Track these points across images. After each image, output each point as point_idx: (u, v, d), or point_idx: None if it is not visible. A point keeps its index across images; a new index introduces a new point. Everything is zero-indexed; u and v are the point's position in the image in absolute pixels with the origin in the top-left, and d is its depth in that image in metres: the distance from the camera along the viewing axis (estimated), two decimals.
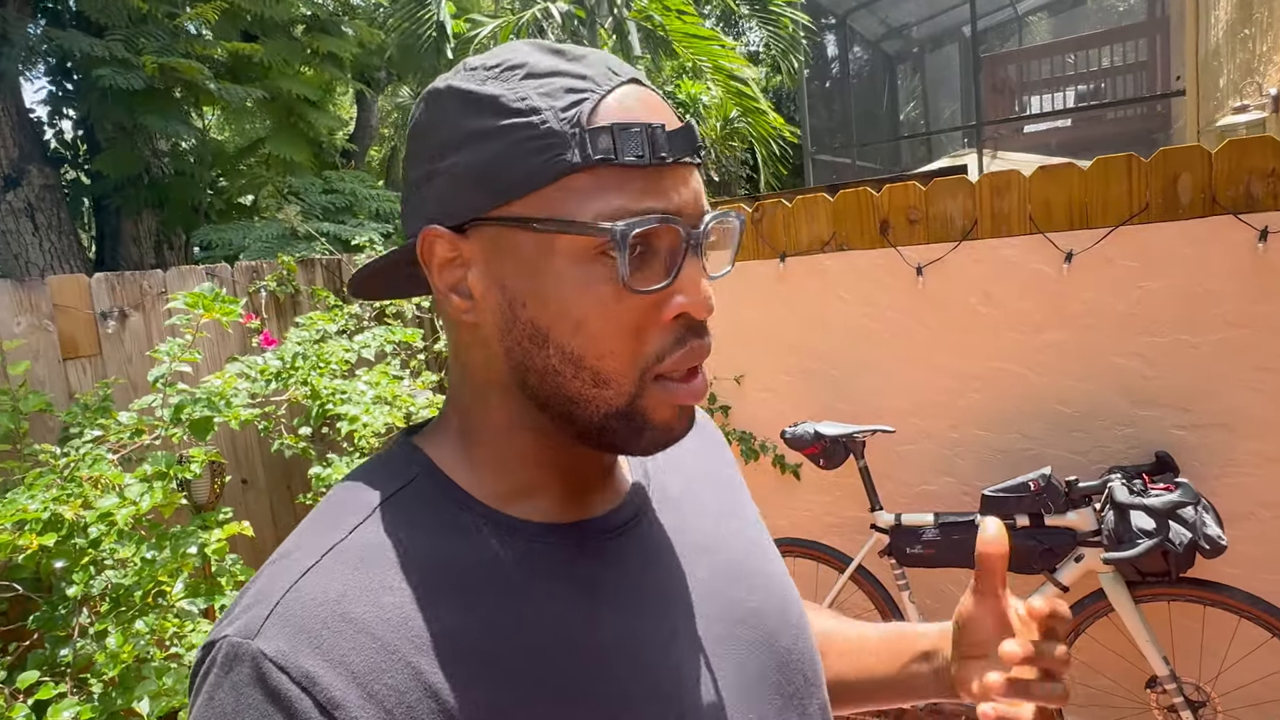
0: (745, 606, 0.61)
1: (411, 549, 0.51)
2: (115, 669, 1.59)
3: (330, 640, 0.45)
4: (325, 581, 0.48)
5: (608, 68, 0.52)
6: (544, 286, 0.50)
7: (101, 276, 2.52)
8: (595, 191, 0.48)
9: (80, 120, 6.15)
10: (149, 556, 1.63)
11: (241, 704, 0.44)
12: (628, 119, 0.50)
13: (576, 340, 0.50)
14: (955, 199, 2.39)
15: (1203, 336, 2.11)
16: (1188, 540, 1.87)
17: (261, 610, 0.47)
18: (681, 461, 0.69)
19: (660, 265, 0.50)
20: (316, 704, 0.43)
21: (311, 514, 0.56)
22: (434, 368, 3.40)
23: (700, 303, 0.51)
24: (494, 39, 6.93)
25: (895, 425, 2.50)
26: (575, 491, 0.58)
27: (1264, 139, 2.01)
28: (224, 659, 0.46)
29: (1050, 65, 10.63)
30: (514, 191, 0.50)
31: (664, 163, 0.50)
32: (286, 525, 3.02)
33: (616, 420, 0.52)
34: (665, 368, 0.51)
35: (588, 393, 0.51)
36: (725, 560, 0.63)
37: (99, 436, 1.89)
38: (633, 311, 0.50)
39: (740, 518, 0.69)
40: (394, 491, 0.54)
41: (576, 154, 0.48)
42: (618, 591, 0.55)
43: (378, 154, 11.84)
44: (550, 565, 0.54)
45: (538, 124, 0.49)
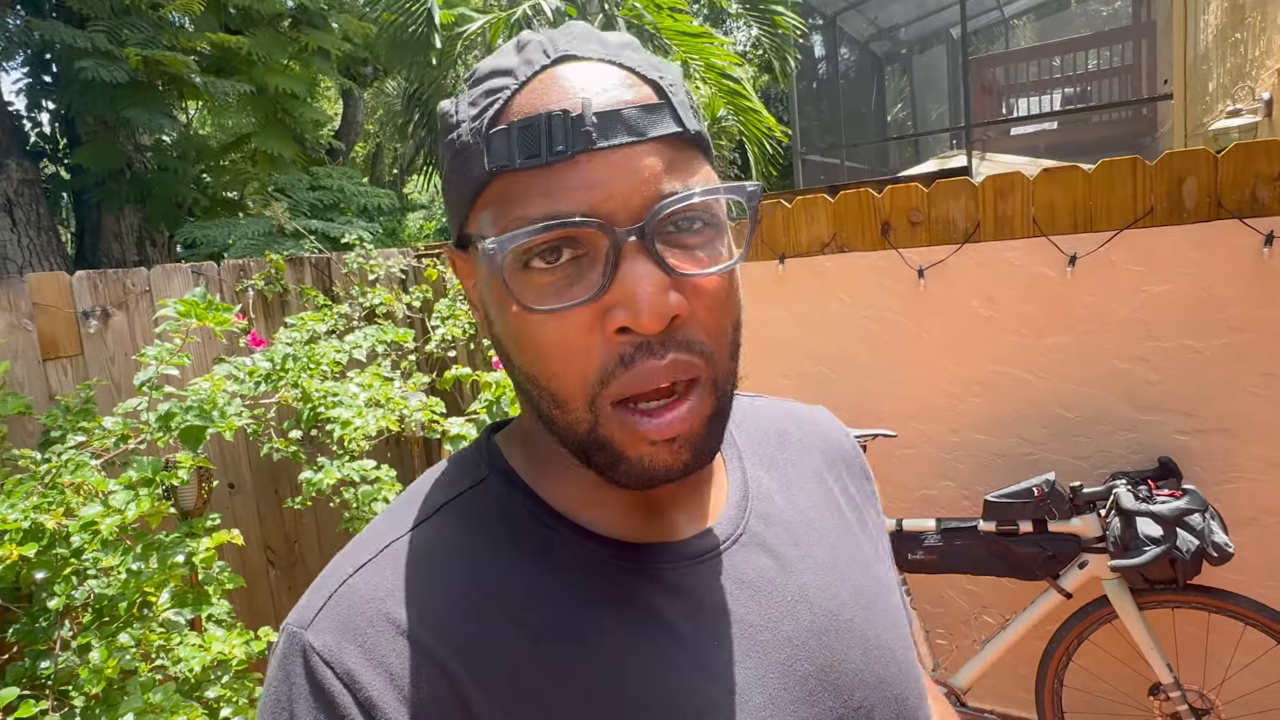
0: (835, 670, 0.52)
1: (468, 554, 0.49)
2: (98, 684, 1.53)
3: (373, 640, 0.45)
4: (376, 579, 0.48)
5: (542, 50, 0.47)
6: (494, 303, 0.48)
7: (83, 274, 2.45)
8: (502, 203, 0.45)
9: (60, 113, 6.03)
10: (135, 567, 1.57)
11: (293, 693, 0.45)
12: (530, 112, 0.44)
13: (523, 360, 0.47)
14: (958, 201, 2.36)
15: (1207, 341, 2.10)
16: (1195, 548, 1.86)
17: (316, 600, 0.48)
18: (798, 487, 0.61)
19: (596, 273, 0.44)
20: (356, 701, 0.44)
21: (392, 503, 0.55)
22: (425, 369, 3.34)
23: (642, 313, 0.42)
24: (483, 35, 6.87)
25: (896, 429, 2.47)
26: (648, 508, 0.52)
27: (1271, 143, 2.00)
28: (283, 647, 0.47)
29: (1038, 68, 10.69)
30: (461, 210, 0.48)
31: (563, 156, 0.43)
32: (274, 530, 2.95)
33: (588, 447, 0.47)
34: (614, 393, 0.44)
35: (553, 414, 0.47)
36: (820, 614, 0.54)
37: (82, 442, 1.82)
38: (563, 329, 0.44)
39: (856, 568, 0.59)
40: (462, 491, 0.52)
41: (478, 166, 0.45)
42: (682, 630, 0.49)
43: (363, 150, 11.73)
44: (613, 589, 0.49)
45: (456, 140, 0.47)
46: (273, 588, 2.95)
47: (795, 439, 0.66)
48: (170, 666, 1.70)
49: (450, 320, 3.20)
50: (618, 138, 0.44)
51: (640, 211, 0.44)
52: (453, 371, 2.33)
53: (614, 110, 0.44)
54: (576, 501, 0.51)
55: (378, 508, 2.28)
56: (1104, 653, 2.20)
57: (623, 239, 0.43)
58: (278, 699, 0.46)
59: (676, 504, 0.53)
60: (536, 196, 0.43)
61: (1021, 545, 2.09)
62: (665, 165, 0.44)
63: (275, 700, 0.46)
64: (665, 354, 0.44)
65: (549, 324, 0.44)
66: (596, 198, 0.43)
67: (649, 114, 0.45)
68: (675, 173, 0.45)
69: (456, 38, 6.96)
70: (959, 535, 2.20)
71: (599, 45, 0.47)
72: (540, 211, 0.43)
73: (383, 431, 2.35)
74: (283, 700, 0.45)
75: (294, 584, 3.02)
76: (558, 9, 6.58)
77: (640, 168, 0.44)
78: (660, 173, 0.44)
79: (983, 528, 2.14)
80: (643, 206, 0.44)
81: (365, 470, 2.26)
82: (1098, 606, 2.06)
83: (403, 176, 10.55)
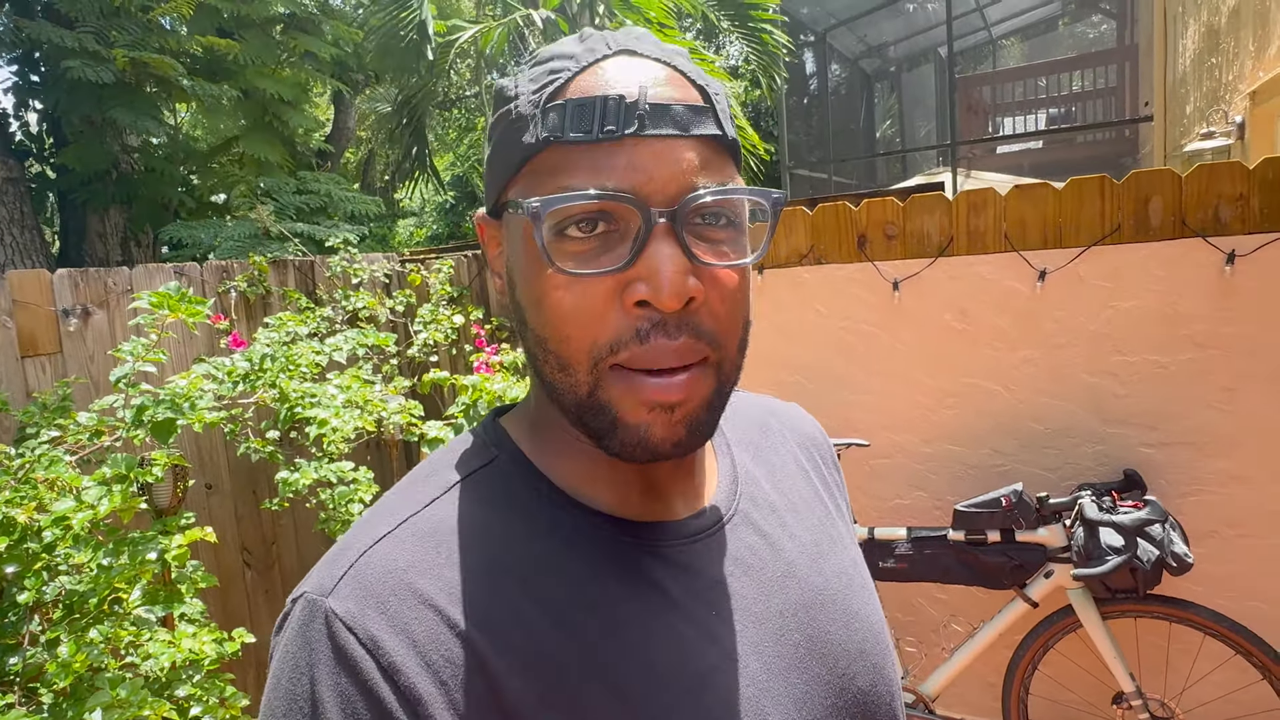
0: (821, 640, 0.57)
1: (483, 529, 0.51)
2: (67, 679, 1.53)
3: (395, 607, 0.47)
4: (396, 551, 0.49)
5: (605, 43, 0.51)
6: (519, 267, 0.52)
7: (64, 272, 2.45)
8: (549, 173, 0.49)
9: (47, 113, 6.01)
10: (106, 563, 1.58)
11: (314, 658, 0.46)
12: (588, 93, 0.48)
13: (539, 322, 0.50)
14: (932, 215, 2.41)
15: (1172, 357, 2.14)
16: (1155, 558, 1.89)
17: (336, 570, 0.49)
18: (781, 474, 0.66)
19: (625, 248, 0.48)
20: (378, 666, 0.45)
21: (399, 483, 0.57)
22: (406, 373, 3.35)
23: (663, 290, 0.46)
24: (474, 44, 6.91)
25: (870, 439, 2.50)
26: (646, 488, 0.56)
27: (1232, 164, 2.05)
28: (300, 614, 0.48)
29: (1023, 88, 10.85)
30: (504, 176, 0.52)
31: (613, 136, 0.47)
32: (251, 532, 2.95)
33: (586, 412, 0.50)
34: (620, 360, 0.48)
35: (556, 378, 0.50)
36: (807, 589, 0.59)
37: (56, 437, 1.83)
38: (586, 294, 0.48)
39: (837, 549, 0.64)
40: (474, 470, 0.55)
41: (533, 135, 0.49)
42: (683, 602, 0.53)
43: (354, 156, 11.73)
44: (619, 563, 0.52)
45: (512, 110, 0.51)
46: (248, 589, 2.95)
47: (775, 430, 0.71)
48: (140, 663, 1.70)
49: (433, 325, 3.22)
50: (664, 129, 0.47)
51: (674, 198, 0.47)
52: (431, 375, 2.35)
53: (664, 104, 0.48)
54: (580, 479, 0.55)
55: (355, 509, 2.29)
56: (1069, 661, 2.24)
57: (654, 219, 0.47)
58: (297, 665, 0.46)
59: (673, 485, 0.57)
60: (583, 170, 0.47)
61: (989, 554, 2.13)
62: (701, 162, 0.49)
63: (294, 666, 0.46)
64: (679, 335, 0.47)
65: (573, 287, 0.48)
66: (637, 179, 0.47)
67: (694, 114, 0.49)
68: (709, 170, 0.49)
69: (448, 46, 7.00)
70: (929, 544, 2.23)
71: (655, 47, 0.52)
72: (585, 183, 0.47)
73: (361, 433, 2.36)
74: (302, 666, 0.46)
75: (270, 586, 3.01)
76: (549, 20, 6.64)
77: (679, 159, 0.48)
78: (696, 167, 0.48)
79: (952, 537, 2.17)
80: (677, 194, 0.47)
81: (343, 472, 2.27)
82: (1063, 615, 2.09)
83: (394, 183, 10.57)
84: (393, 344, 2.85)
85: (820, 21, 10.04)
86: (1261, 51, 3.68)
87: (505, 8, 7.68)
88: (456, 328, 3.25)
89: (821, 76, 10.82)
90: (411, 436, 2.33)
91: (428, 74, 7.49)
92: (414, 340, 3.24)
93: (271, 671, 0.48)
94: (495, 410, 0.62)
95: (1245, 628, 1.93)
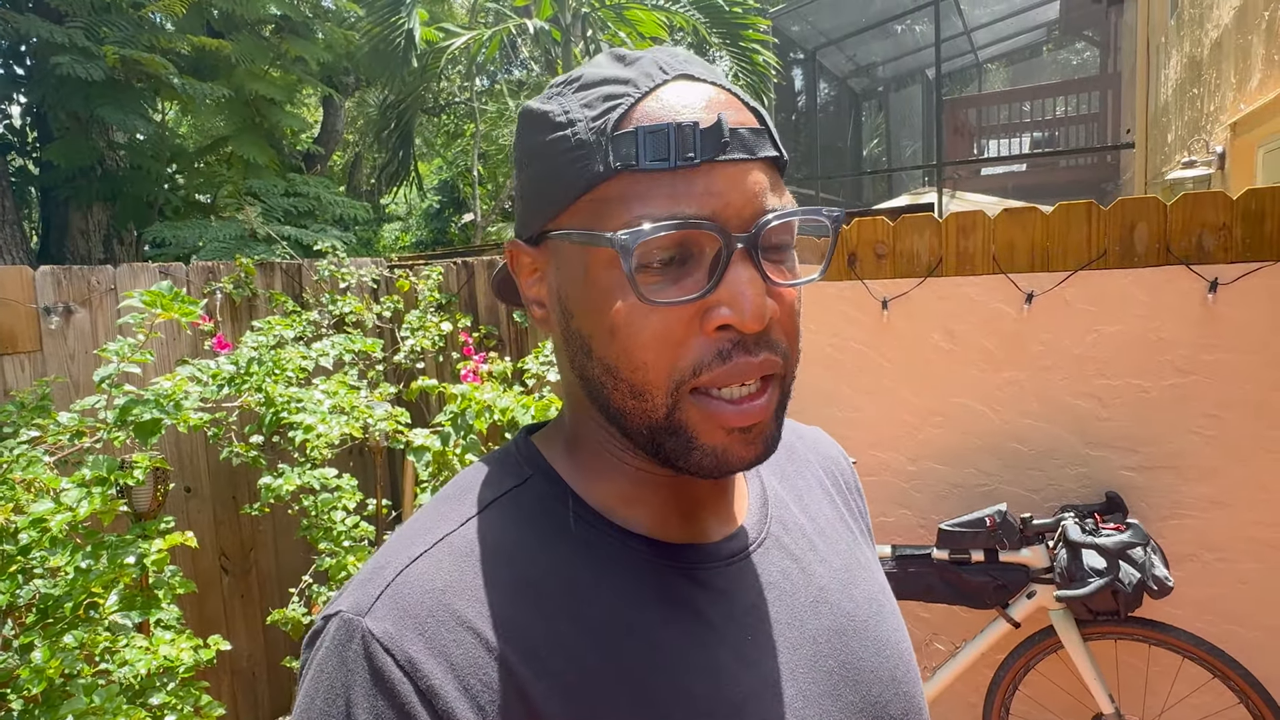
0: (854, 667, 0.57)
1: (520, 550, 0.50)
2: (40, 685, 1.49)
3: (434, 629, 0.46)
4: (434, 571, 0.48)
5: (658, 67, 0.51)
6: (586, 296, 0.50)
7: (47, 270, 2.42)
8: (622, 200, 0.48)
9: (31, 107, 5.94)
10: (84, 566, 1.55)
11: (350, 680, 0.45)
12: (658, 120, 0.48)
13: (611, 352, 0.49)
14: (922, 236, 2.43)
15: (1154, 381, 2.17)
16: (1136, 580, 1.91)
17: (373, 589, 0.48)
18: (809, 498, 0.65)
19: (702, 273, 0.48)
20: (416, 689, 0.44)
21: (431, 501, 0.56)
22: (393, 379, 3.33)
23: (746, 313, 0.46)
24: (466, 51, 6.91)
25: (856, 456, 2.51)
26: (683, 510, 0.55)
27: (1216, 194, 2.09)
28: (336, 633, 0.47)
29: (1008, 111, 11.01)
30: (559, 204, 0.50)
31: (691, 163, 0.47)
32: (230, 537, 2.91)
33: (661, 435, 0.49)
34: (703, 382, 0.48)
35: (628, 405, 0.50)
36: (839, 615, 0.58)
37: (36, 438, 1.79)
38: (666, 322, 0.48)
39: (865, 574, 0.64)
40: (508, 489, 0.54)
41: (600, 163, 0.48)
42: (720, 626, 0.52)
43: (340, 159, 11.68)
44: (656, 586, 0.52)
45: (570, 136, 0.50)
46: (225, 595, 2.90)
47: (801, 453, 0.71)
48: (114, 670, 1.67)
49: (420, 332, 3.20)
50: (736, 153, 0.48)
51: (749, 222, 0.48)
52: (419, 382, 2.33)
53: (735, 129, 0.48)
54: (616, 501, 0.54)
55: (337, 516, 2.26)
56: (1049, 682, 2.25)
57: (734, 245, 0.47)
58: (332, 686, 0.45)
59: (708, 507, 0.56)
60: (659, 198, 0.47)
61: (972, 574, 2.14)
62: (769, 184, 0.49)
63: (330, 687, 0.45)
64: (759, 353, 0.48)
65: (652, 315, 0.47)
66: (716, 205, 0.47)
67: (757, 136, 0.49)
68: (775, 191, 0.50)
69: (440, 52, 7.00)
70: (913, 562, 2.24)
71: (705, 70, 0.52)
72: (666, 211, 0.46)
73: (346, 439, 2.34)
74: (338, 687, 0.45)
75: (247, 591, 2.97)
76: (542, 29, 6.66)
77: (752, 182, 0.48)
78: (765, 189, 0.49)
79: (936, 555, 2.18)
80: (752, 217, 0.48)
81: (326, 478, 2.25)
82: (1044, 636, 2.11)
83: (380, 187, 10.52)
84: (380, 350, 2.83)
85: (810, 40, 10.15)
86: (1243, 84, 3.76)
87: (498, 16, 7.70)
88: (444, 334, 3.24)
89: (810, 94, 10.93)
90: (397, 444, 2.31)
91: (417, 79, 7.48)
92: (401, 346, 3.22)
93: (304, 690, 0.47)
94: (526, 429, 0.61)
95: (1223, 651, 1.95)
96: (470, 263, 3.46)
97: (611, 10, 6.92)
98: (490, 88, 12.04)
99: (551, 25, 6.78)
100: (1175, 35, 5.55)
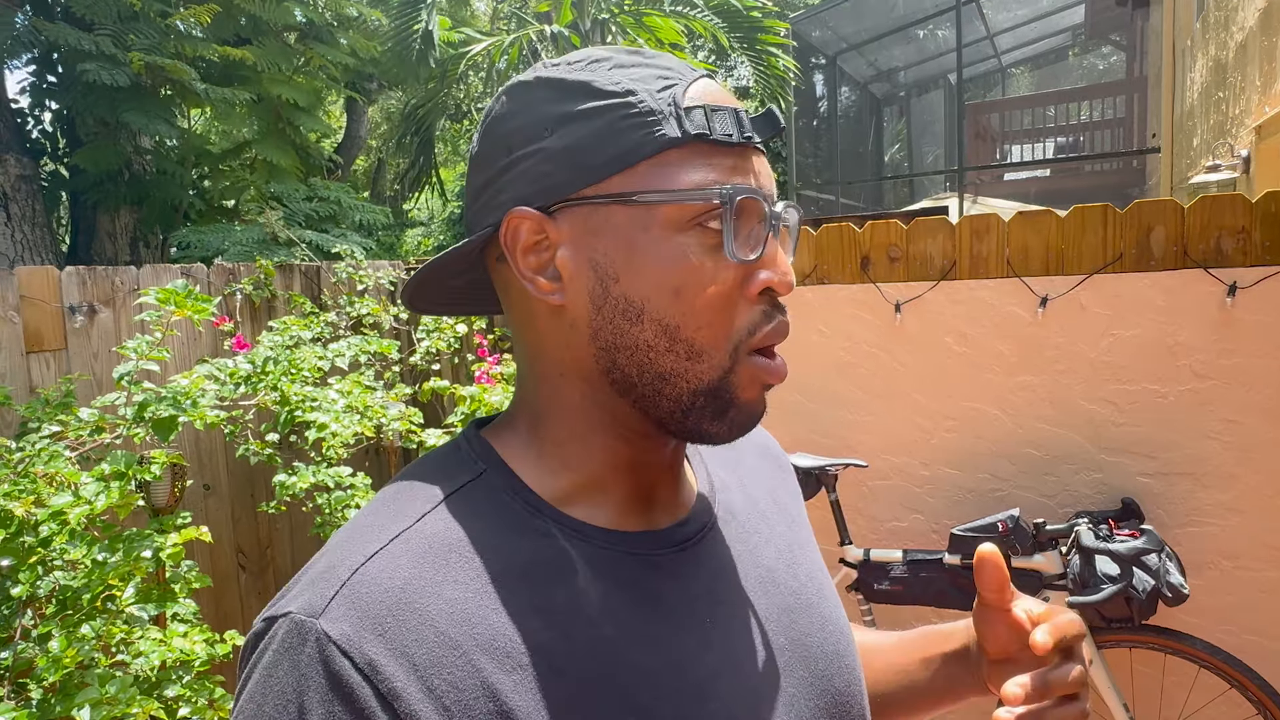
0: (803, 644, 0.59)
1: (477, 544, 0.50)
2: (57, 674, 1.53)
3: (394, 629, 0.45)
4: (391, 568, 0.47)
5: (684, 64, 0.55)
6: (641, 259, 0.51)
7: (72, 270, 2.47)
8: (687, 166, 0.51)
9: (61, 113, 6.08)
10: (101, 558, 1.58)
11: (303, 685, 0.43)
12: (716, 101, 0.53)
13: (674, 310, 0.50)
14: (935, 239, 2.42)
15: (1171, 386, 2.15)
16: (1151, 587, 1.89)
17: (327, 589, 0.46)
18: (749, 483, 0.67)
19: (745, 241, 0.52)
20: (376, 693, 0.43)
21: (376, 499, 0.55)
22: (408, 380, 3.36)
23: (786, 278, 0.53)
24: (487, 56, 6.98)
25: (868, 460, 2.50)
26: (641, 497, 0.57)
27: (1235, 197, 2.06)
28: (286, 636, 0.45)
29: (1031, 116, 10.90)
30: (610, 167, 0.51)
31: (750, 142, 0.52)
32: (247, 533, 2.95)
33: (705, 398, 0.52)
34: (756, 341, 0.52)
35: (680, 366, 0.51)
36: (787, 594, 0.61)
37: (57, 432, 1.84)
38: (726, 284, 0.51)
39: (804, 553, 0.67)
40: (462, 485, 0.54)
41: (675, 129, 0.51)
42: (678, 610, 0.53)
43: (363, 164, 11.82)
44: (615, 573, 0.52)
45: (635, 103, 0.51)
46: (242, 592, 2.94)
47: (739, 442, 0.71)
48: (130, 661, 1.70)
49: (435, 333, 3.23)
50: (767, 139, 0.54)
51: (773, 200, 0.54)
52: (431, 383, 2.36)
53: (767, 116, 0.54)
54: (571, 492, 0.55)
55: (351, 514, 2.29)
56: None
57: (776, 220, 0.53)
58: (283, 692, 0.43)
59: (663, 494, 0.58)
60: (725, 169, 0.51)
61: None
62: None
63: (280, 693, 0.44)
64: (787, 314, 0.54)
65: (720, 274, 0.51)
66: (764, 183, 0.53)
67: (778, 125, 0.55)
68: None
69: (460, 57, 7.07)
70: (925, 567, 2.22)
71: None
72: (733, 180, 0.51)
73: (360, 438, 2.37)
74: (289, 693, 0.43)
75: (264, 588, 3.01)
76: (562, 35, 6.71)
77: (769, 169, 0.55)
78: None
79: (948, 561, 2.17)
80: (772, 197, 0.54)
81: (340, 477, 2.28)
82: None
83: (403, 193, 10.63)
84: (395, 351, 2.87)
85: (831, 45, 10.12)
86: (1268, 87, 3.71)
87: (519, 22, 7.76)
88: (459, 336, 3.27)
89: (831, 99, 10.89)
90: (411, 444, 2.33)
91: (438, 84, 7.56)
92: (416, 348, 3.25)
93: (246, 696, 0.45)
94: (475, 422, 0.61)
95: (1241, 661, 1.92)
96: None
97: (630, 16, 6.96)
98: None
99: (571, 31, 6.83)
100: (1201, 38, 5.48)
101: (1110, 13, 9.78)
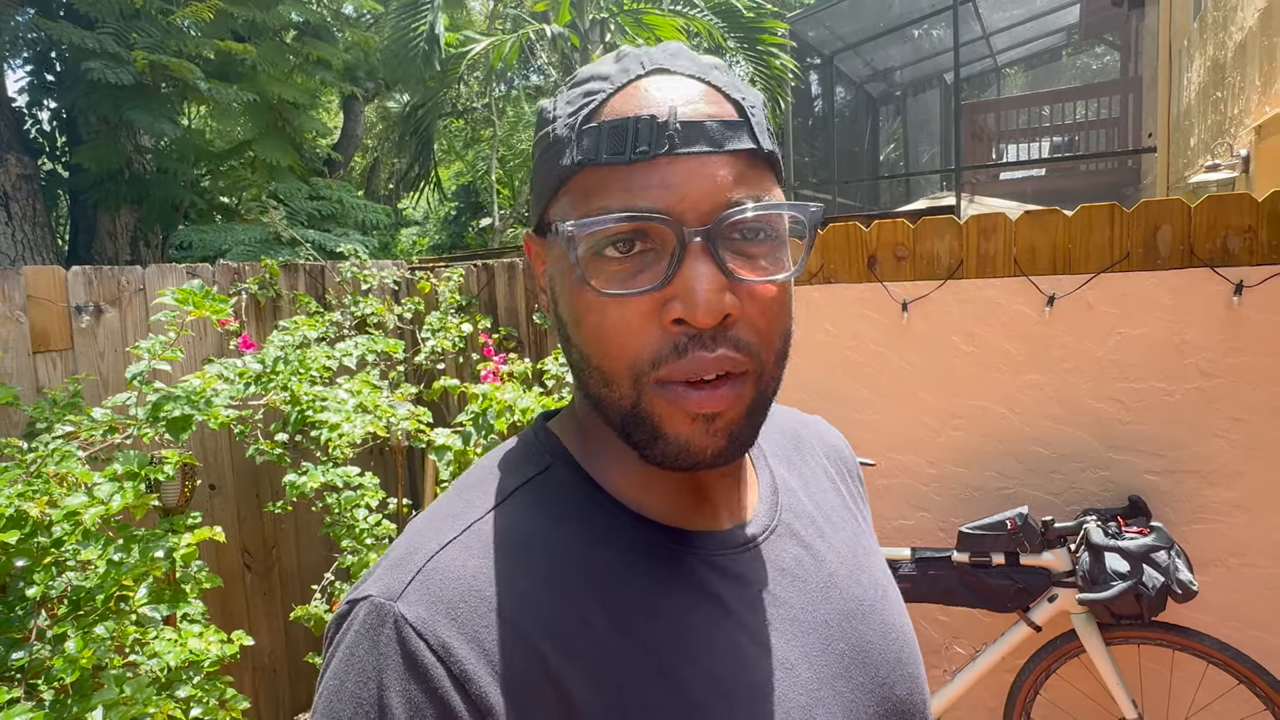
0: (864, 650, 0.58)
1: (545, 536, 0.51)
2: (72, 675, 1.52)
3: (466, 615, 0.46)
4: (464, 557, 0.49)
5: (639, 62, 0.51)
6: (561, 286, 0.52)
7: (79, 270, 2.46)
8: (584, 194, 0.49)
9: (61, 112, 6.05)
10: (116, 559, 1.58)
11: (382, 663, 0.45)
12: (621, 114, 0.49)
13: (580, 339, 0.51)
14: (943, 238, 2.43)
15: (1178, 385, 2.16)
16: (1160, 584, 1.90)
17: (404, 575, 0.48)
18: (815, 487, 0.67)
19: (662, 266, 0.48)
20: (450, 674, 0.44)
21: (452, 488, 0.57)
22: (413, 380, 3.36)
23: (697, 308, 0.46)
24: (485, 57, 6.97)
25: (875, 459, 2.51)
26: (694, 497, 0.56)
27: (1241, 196, 2.07)
28: (367, 617, 0.47)
29: (1027, 116, 10.94)
30: (543, 198, 0.53)
31: (645, 156, 0.47)
32: (253, 534, 2.95)
33: (630, 423, 0.50)
34: (661, 375, 0.48)
35: (600, 392, 0.51)
36: (849, 599, 0.60)
37: (70, 433, 1.83)
38: (624, 313, 0.48)
39: (868, 558, 0.66)
40: (530, 477, 0.55)
41: (568, 158, 0.50)
42: (738, 612, 0.54)
43: (360, 163, 11.79)
44: (679, 573, 0.53)
45: (550, 133, 0.52)
46: (248, 591, 2.94)
47: (806, 442, 0.72)
48: (143, 662, 1.69)
49: (441, 333, 3.23)
50: (697, 146, 0.48)
51: (708, 215, 0.47)
52: (441, 382, 2.36)
53: (696, 121, 0.48)
54: (630, 487, 0.55)
55: (360, 514, 2.29)
56: (1071, 687, 2.23)
57: (689, 238, 0.47)
58: (364, 669, 0.45)
59: (718, 495, 0.57)
60: (617, 190, 0.47)
61: (993, 577, 2.13)
62: (736, 177, 0.48)
63: (361, 670, 0.45)
64: (716, 348, 0.48)
65: (611, 307, 0.48)
66: (671, 198, 0.47)
67: (728, 129, 0.49)
68: (745, 185, 0.49)
69: (459, 58, 7.06)
70: (933, 565, 2.23)
71: (690, 63, 0.52)
72: (619, 204, 0.47)
73: (369, 438, 2.37)
74: (369, 670, 0.45)
75: (269, 589, 3.01)
76: (560, 35, 6.70)
77: (713, 176, 0.48)
78: (731, 183, 0.48)
79: (956, 559, 2.18)
80: (711, 211, 0.47)
81: (349, 477, 2.27)
82: (1066, 640, 2.09)
83: (398, 192, 10.61)
84: (401, 350, 2.86)
85: (827, 44, 10.13)
86: (1268, 86, 3.73)
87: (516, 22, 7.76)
88: (465, 336, 3.26)
89: (827, 98, 10.91)
90: (419, 443, 2.33)
91: (437, 83, 7.55)
92: (422, 347, 3.25)
93: (330, 673, 0.47)
94: (543, 415, 0.62)
95: (1249, 657, 1.93)
96: (490, 265, 3.49)
97: (629, 16, 6.96)
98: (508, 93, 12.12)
99: (570, 31, 6.83)
100: (1198, 38, 5.50)
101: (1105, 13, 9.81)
